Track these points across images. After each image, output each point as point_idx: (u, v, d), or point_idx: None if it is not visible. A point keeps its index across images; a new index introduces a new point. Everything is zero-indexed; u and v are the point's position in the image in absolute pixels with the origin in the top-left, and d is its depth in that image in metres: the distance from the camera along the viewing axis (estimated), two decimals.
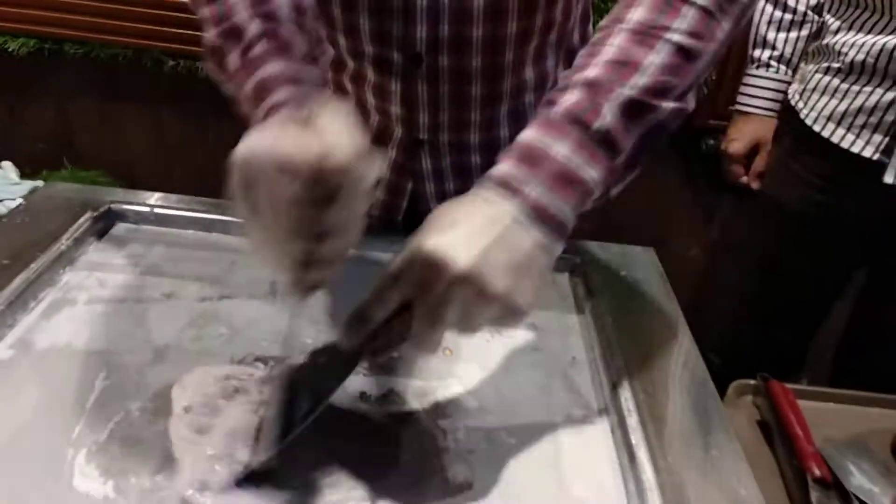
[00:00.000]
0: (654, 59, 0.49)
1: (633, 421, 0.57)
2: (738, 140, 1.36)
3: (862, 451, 0.78)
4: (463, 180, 0.80)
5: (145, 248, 0.75)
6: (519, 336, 0.68)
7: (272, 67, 0.51)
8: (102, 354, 0.59)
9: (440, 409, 0.58)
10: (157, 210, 0.79)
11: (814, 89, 1.20)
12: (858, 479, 0.74)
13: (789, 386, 0.83)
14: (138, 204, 0.79)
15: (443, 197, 0.81)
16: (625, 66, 0.49)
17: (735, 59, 1.46)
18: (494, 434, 0.56)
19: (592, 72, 0.49)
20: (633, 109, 0.48)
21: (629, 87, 0.48)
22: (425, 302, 0.44)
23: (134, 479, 0.48)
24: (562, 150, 0.47)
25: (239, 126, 0.50)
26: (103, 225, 0.77)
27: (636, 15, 0.50)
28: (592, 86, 0.48)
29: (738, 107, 1.35)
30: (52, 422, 0.52)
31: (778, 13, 1.26)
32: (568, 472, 0.54)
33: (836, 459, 0.76)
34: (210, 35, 0.56)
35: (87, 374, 0.57)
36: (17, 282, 0.64)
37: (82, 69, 1.50)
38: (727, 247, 1.56)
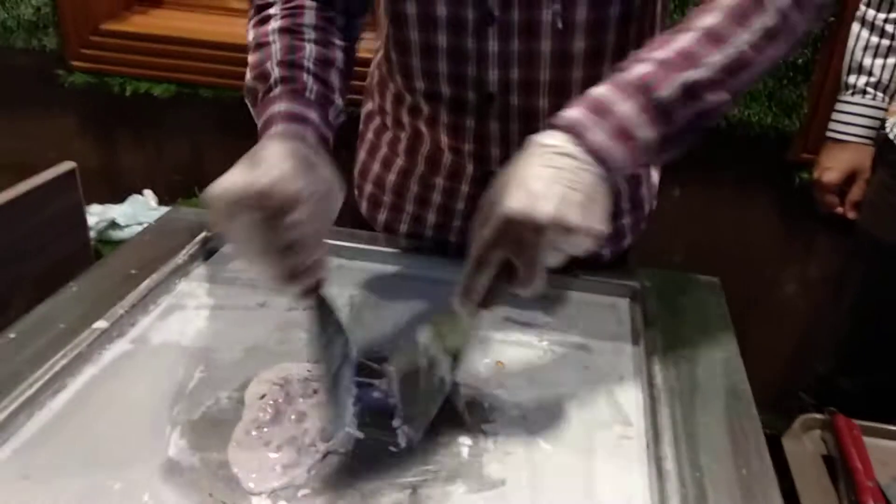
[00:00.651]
0: (718, 58, 0.57)
1: (667, 438, 0.60)
2: (832, 168, 1.31)
3: None
4: None
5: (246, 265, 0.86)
6: (571, 355, 0.73)
7: (279, 106, 0.63)
8: (203, 351, 0.69)
9: (485, 414, 0.63)
10: None
11: None
12: None
13: (859, 422, 0.82)
14: None
15: None
16: (692, 57, 0.57)
17: (828, 94, 1.42)
18: (532, 440, 0.61)
19: (663, 54, 0.57)
20: (691, 92, 0.56)
21: (693, 73, 0.56)
22: (525, 256, 0.52)
23: (216, 454, 0.57)
24: (626, 108, 0.55)
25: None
26: (214, 244, 0.89)
27: (707, 20, 0.58)
28: (663, 63, 0.56)
29: (831, 134, 1.31)
30: (158, 402, 0.62)
31: (875, 38, 1.23)
32: (598, 479, 0.57)
33: None
34: (249, 78, 0.68)
35: (189, 366, 0.67)
36: (141, 288, 0.76)
37: (212, 110, 1.69)
38: (825, 283, 1.50)
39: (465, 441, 0.60)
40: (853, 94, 1.27)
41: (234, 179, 0.54)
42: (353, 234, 0.89)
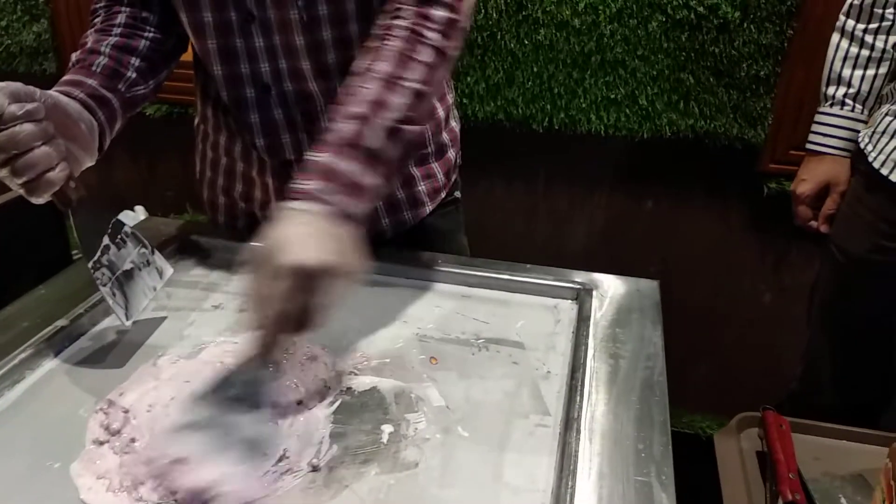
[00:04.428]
0: (402, 100, 0.69)
1: (578, 425, 0.64)
2: (807, 180, 1.31)
3: (860, 486, 0.78)
4: None
5: (207, 271, 0.91)
6: (504, 352, 0.77)
7: (66, 77, 0.77)
8: (153, 349, 0.74)
9: (410, 404, 0.67)
10: (224, 242, 0.96)
11: (883, 132, 1.17)
12: None
13: (791, 419, 0.84)
14: (209, 236, 0.96)
15: None
16: (381, 105, 0.68)
17: (792, 108, 1.44)
18: (451, 427, 0.65)
19: (359, 109, 0.67)
20: (392, 133, 0.68)
21: (387, 117, 0.67)
22: (308, 300, 0.60)
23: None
24: (347, 166, 0.65)
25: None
26: (182, 252, 0.94)
27: (383, 67, 0.69)
28: (362, 118, 0.67)
29: (809, 146, 1.30)
30: (108, 392, 0.67)
31: (854, 49, 1.22)
32: (508, 462, 0.61)
33: (829, 491, 0.77)
34: (74, 55, 0.81)
35: (140, 360, 0.72)
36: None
37: None
38: (799, 293, 1.51)
39: (386, 428, 0.64)
40: (832, 105, 1.25)
41: None
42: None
